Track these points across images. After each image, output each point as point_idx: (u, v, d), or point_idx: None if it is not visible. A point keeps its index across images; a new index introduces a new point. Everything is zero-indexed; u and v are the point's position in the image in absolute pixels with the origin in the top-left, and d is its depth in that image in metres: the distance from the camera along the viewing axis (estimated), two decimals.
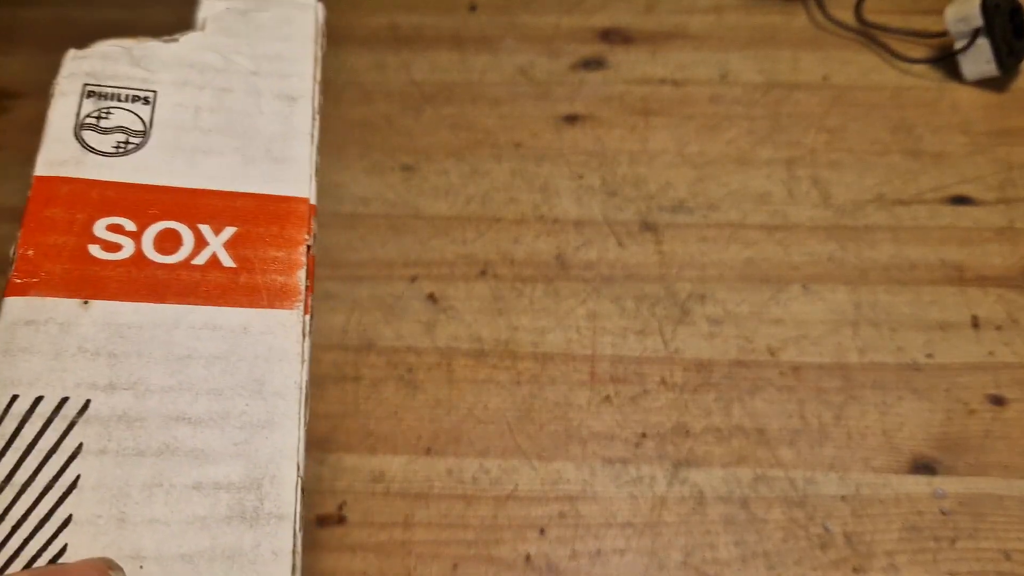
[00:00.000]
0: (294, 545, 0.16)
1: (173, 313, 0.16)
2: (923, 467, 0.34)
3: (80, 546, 0.15)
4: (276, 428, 0.16)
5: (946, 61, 0.47)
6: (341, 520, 0.34)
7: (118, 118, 0.19)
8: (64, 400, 0.16)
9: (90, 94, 0.19)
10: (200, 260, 0.17)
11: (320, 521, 0.33)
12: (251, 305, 0.17)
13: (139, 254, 0.17)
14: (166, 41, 0.20)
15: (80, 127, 0.19)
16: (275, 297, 0.18)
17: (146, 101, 0.20)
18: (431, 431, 0.36)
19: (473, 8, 0.52)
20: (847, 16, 0.50)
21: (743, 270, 0.40)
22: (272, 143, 0.18)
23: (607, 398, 0.37)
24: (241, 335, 0.17)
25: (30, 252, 0.17)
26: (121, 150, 0.19)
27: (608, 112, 0.47)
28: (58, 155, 0.18)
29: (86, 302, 0.16)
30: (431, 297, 0.40)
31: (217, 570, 0.15)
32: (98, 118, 0.19)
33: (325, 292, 0.40)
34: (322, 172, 0.46)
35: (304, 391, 0.17)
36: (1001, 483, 0.34)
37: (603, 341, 0.38)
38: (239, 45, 0.20)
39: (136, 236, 0.17)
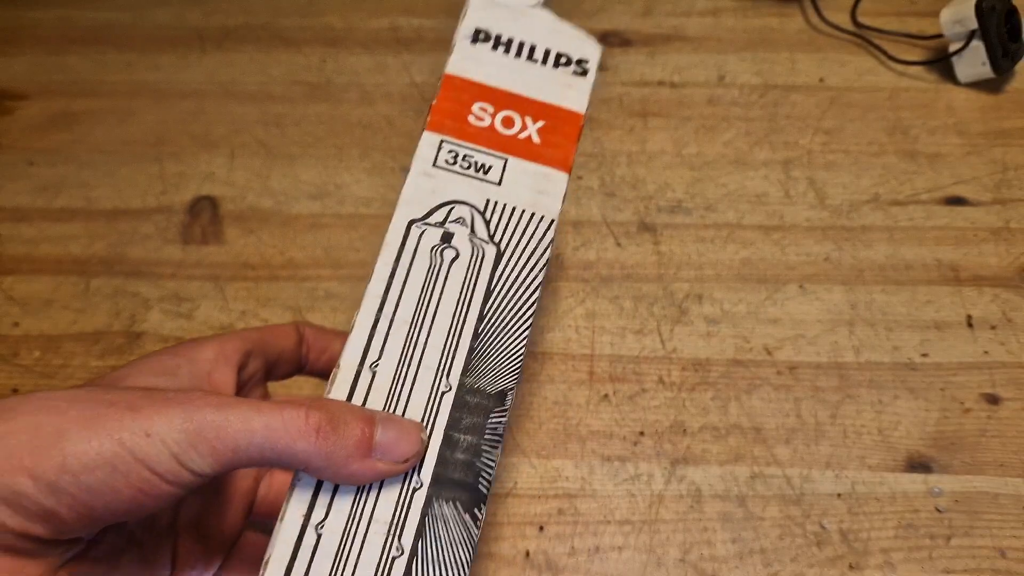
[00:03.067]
0: None
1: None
2: (919, 465, 0.35)
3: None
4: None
5: (941, 63, 0.48)
6: None
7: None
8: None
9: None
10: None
11: None
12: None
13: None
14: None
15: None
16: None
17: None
18: None
19: None
20: (843, 19, 0.50)
21: (740, 270, 0.40)
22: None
23: (605, 397, 0.37)
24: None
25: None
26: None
27: (607, 114, 0.47)
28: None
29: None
30: None
31: None
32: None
33: (327, 292, 0.41)
34: (323, 173, 0.46)
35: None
36: (996, 481, 0.34)
37: (602, 340, 0.39)
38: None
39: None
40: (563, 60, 0.30)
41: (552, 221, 0.27)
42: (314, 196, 0.44)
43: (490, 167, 0.28)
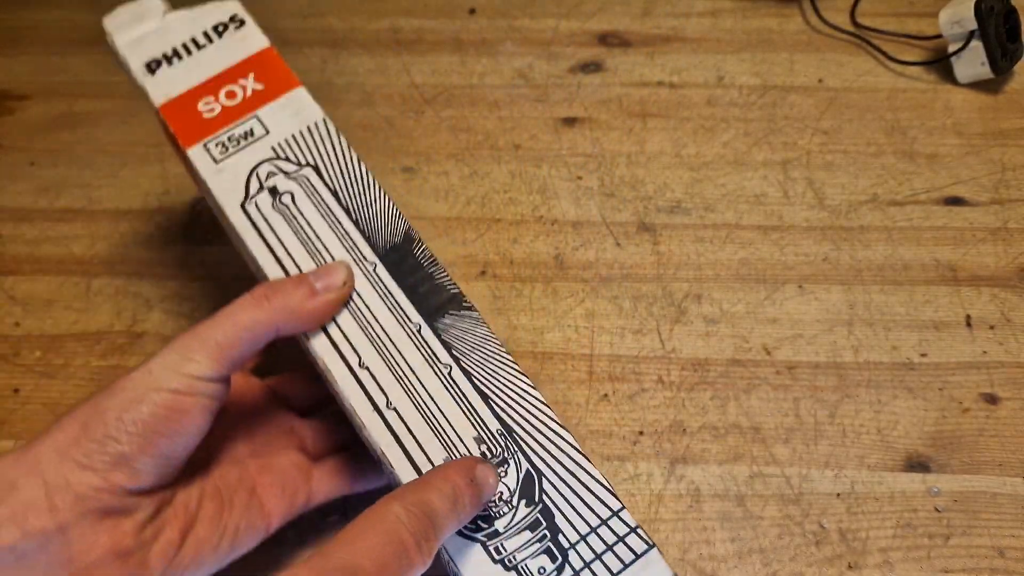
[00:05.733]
0: None
1: None
2: (917, 465, 0.35)
3: None
4: None
5: (940, 64, 0.48)
6: (345, 515, 0.34)
7: None
8: None
9: None
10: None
11: (323, 513, 0.34)
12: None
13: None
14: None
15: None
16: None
17: None
18: None
19: (472, 12, 0.53)
20: (842, 19, 0.50)
21: (739, 270, 0.41)
22: None
23: (605, 396, 0.37)
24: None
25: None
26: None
27: (606, 114, 0.47)
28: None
29: None
30: None
31: None
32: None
33: None
34: None
35: None
36: (994, 481, 0.34)
37: (601, 340, 0.39)
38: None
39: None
40: (220, 28, 0.34)
41: (323, 118, 0.32)
42: None
43: (251, 128, 0.32)
